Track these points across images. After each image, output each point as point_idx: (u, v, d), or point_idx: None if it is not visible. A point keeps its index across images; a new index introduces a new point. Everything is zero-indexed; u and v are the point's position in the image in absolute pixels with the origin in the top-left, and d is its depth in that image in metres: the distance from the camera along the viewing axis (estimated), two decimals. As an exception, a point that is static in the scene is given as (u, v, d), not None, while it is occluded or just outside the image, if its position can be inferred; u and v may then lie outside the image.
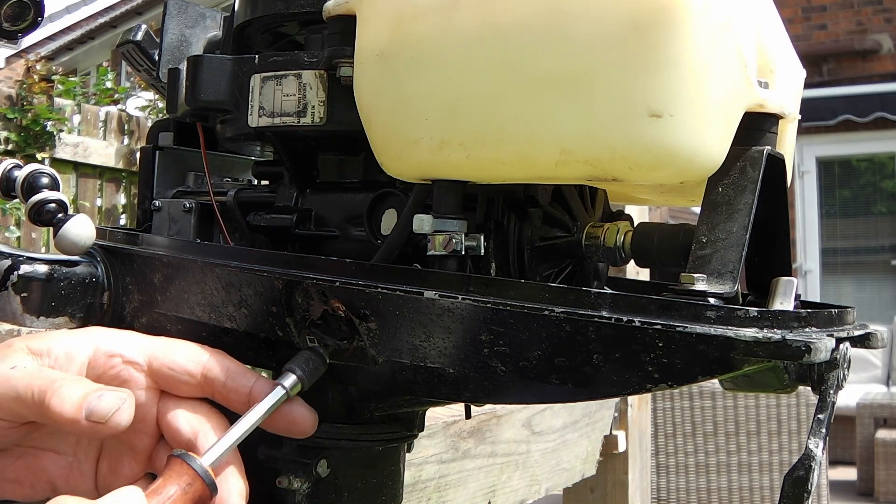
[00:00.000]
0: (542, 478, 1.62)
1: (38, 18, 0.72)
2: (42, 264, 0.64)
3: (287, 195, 0.70)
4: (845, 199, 8.87)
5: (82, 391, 0.53)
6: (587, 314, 0.49)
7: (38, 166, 0.68)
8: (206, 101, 0.68)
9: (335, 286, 0.56)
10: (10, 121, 4.30)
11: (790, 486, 0.49)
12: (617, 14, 0.50)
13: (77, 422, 0.52)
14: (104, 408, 0.52)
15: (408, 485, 0.73)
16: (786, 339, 0.46)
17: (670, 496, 3.27)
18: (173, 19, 0.78)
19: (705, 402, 3.22)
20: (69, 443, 0.58)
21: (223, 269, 0.61)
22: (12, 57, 9.80)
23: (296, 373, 0.56)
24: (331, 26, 0.61)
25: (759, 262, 0.60)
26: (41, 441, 0.58)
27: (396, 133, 0.58)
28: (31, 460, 0.57)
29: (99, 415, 0.52)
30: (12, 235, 4.18)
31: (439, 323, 0.53)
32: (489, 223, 0.62)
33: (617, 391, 0.51)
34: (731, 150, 0.55)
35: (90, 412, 0.52)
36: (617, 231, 0.62)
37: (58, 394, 0.53)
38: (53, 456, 0.58)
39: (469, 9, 0.55)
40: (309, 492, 0.62)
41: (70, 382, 0.54)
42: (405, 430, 0.67)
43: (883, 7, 8.48)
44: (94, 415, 0.52)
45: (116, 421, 0.52)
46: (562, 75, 0.52)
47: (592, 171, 0.53)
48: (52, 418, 0.52)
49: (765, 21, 0.59)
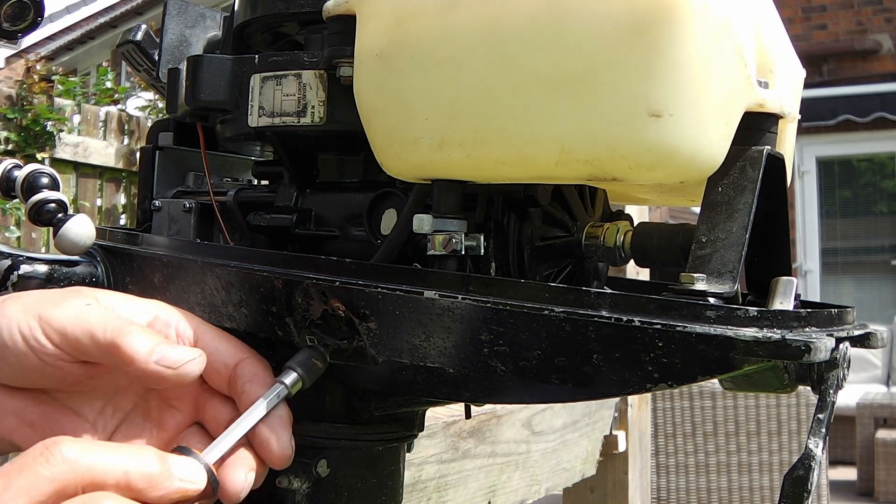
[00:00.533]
0: (542, 478, 1.62)
1: (38, 18, 0.72)
2: (42, 264, 0.64)
3: (287, 195, 0.70)
4: (845, 199, 8.88)
5: (156, 338, 0.55)
6: (587, 314, 0.49)
7: (38, 166, 0.68)
8: (206, 101, 0.68)
9: (335, 286, 0.56)
10: (10, 121, 4.30)
11: (790, 486, 0.49)
12: (617, 14, 0.50)
13: (146, 363, 0.54)
14: (177, 356, 0.55)
15: (408, 485, 0.73)
16: (785, 338, 0.46)
17: (670, 496, 3.27)
18: (173, 19, 0.78)
19: (705, 402, 3.22)
20: (94, 408, 0.59)
21: (223, 269, 0.61)
22: (12, 57, 9.80)
23: (297, 370, 0.57)
24: (331, 26, 0.61)
25: (759, 261, 0.60)
26: (68, 398, 0.58)
27: (396, 133, 0.58)
28: (50, 410, 0.57)
29: (170, 360, 0.54)
30: (12, 235, 4.18)
31: (439, 323, 0.53)
32: (489, 223, 0.62)
33: (617, 391, 0.51)
34: (730, 149, 0.55)
35: (161, 357, 0.54)
36: (617, 231, 0.62)
37: (132, 335, 0.55)
38: (73, 416, 0.58)
39: (469, 8, 0.55)
40: (309, 491, 0.62)
41: (144, 329, 0.56)
42: (405, 430, 0.67)
43: (883, 7, 8.48)
44: (166, 359, 0.54)
45: (187, 370, 0.54)
46: (562, 75, 0.52)
47: (592, 171, 0.53)
48: (122, 356, 0.54)
49: (765, 21, 0.59)
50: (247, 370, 0.58)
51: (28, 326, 0.55)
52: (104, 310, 0.57)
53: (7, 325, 0.55)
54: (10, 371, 0.56)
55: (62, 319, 0.55)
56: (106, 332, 0.55)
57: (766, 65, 0.59)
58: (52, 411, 0.57)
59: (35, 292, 0.58)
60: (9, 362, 0.55)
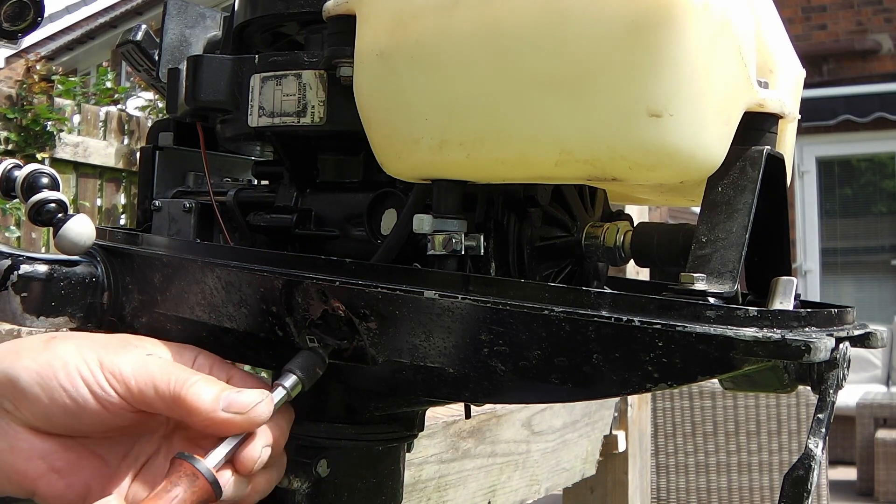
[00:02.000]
0: (542, 478, 1.62)
1: (38, 18, 0.72)
2: (42, 264, 0.64)
3: (287, 195, 0.70)
4: (845, 199, 8.87)
5: (220, 385, 0.55)
6: (587, 314, 0.49)
7: (37, 166, 0.68)
8: (206, 101, 0.68)
9: (335, 286, 0.56)
10: (10, 121, 4.29)
11: (790, 486, 0.49)
12: (616, 14, 0.50)
13: (213, 411, 0.54)
14: (244, 400, 0.55)
15: (408, 485, 0.73)
16: (785, 338, 0.46)
17: (670, 496, 3.27)
18: (173, 19, 0.78)
19: (705, 402, 3.22)
20: (118, 454, 0.58)
21: (223, 269, 0.61)
22: (12, 57, 9.79)
23: (296, 373, 0.57)
24: (331, 26, 0.61)
25: (759, 261, 0.60)
26: (96, 444, 0.58)
27: (396, 133, 0.58)
28: (76, 458, 0.57)
29: (239, 405, 0.54)
30: (12, 235, 4.18)
31: (439, 323, 0.53)
32: (489, 223, 0.62)
33: (617, 391, 0.51)
34: (730, 149, 0.55)
35: (230, 403, 0.54)
36: (617, 231, 0.62)
37: (197, 384, 0.55)
38: (99, 462, 0.57)
39: (469, 9, 0.55)
40: (309, 491, 0.62)
41: (207, 378, 0.56)
42: (405, 430, 0.67)
43: (883, 7, 8.48)
44: (234, 405, 0.54)
45: (257, 413, 0.55)
46: (561, 75, 0.52)
47: (592, 171, 0.53)
48: (187, 406, 0.54)
49: (764, 21, 0.59)
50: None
51: (90, 372, 0.55)
52: (163, 361, 0.57)
53: (63, 368, 0.54)
54: (59, 413, 0.55)
55: (126, 370, 0.55)
56: (170, 385, 0.55)
57: (766, 65, 0.59)
58: (79, 458, 0.57)
59: (85, 334, 0.58)
60: (60, 405, 0.54)
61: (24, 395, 0.54)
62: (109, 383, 0.55)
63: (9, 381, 0.55)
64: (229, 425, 0.54)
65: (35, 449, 0.55)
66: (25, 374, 0.54)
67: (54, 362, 0.55)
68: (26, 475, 0.55)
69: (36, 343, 0.57)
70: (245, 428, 0.55)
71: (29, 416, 0.55)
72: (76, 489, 0.56)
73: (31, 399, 0.54)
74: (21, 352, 0.56)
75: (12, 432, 0.55)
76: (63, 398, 0.54)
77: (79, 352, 0.55)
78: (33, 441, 0.55)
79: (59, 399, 0.54)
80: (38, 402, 0.54)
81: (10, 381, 0.55)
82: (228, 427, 0.54)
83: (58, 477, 0.56)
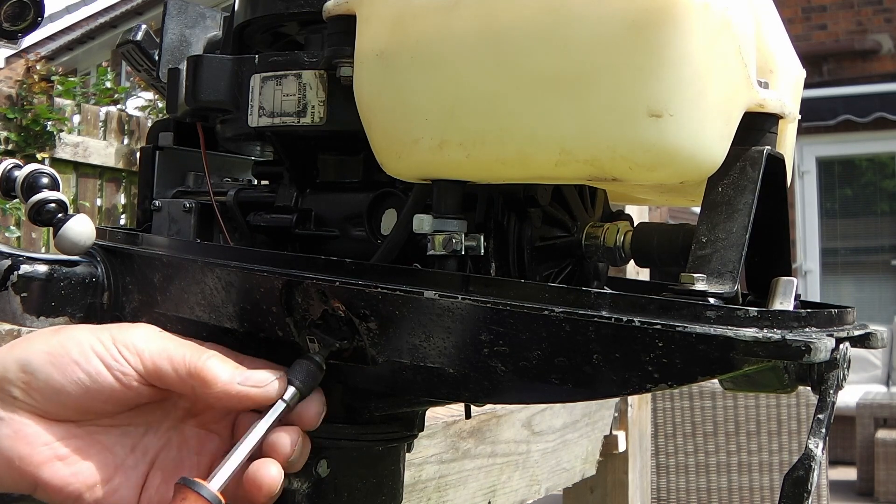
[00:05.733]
0: (542, 478, 1.62)
1: (38, 18, 0.72)
2: (42, 264, 0.64)
3: (287, 195, 0.70)
4: (845, 199, 8.87)
5: (233, 363, 0.57)
6: (587, 314, 0.49)
7: (38, 166, 0.68)
8: (206, 101, 0.68)
9: (335, 286, 0.56)
10: (10, 121, 4.29)
11: (790, 486, 0.49)
12: (617, 14, 0.50)
13: (229, 384, 0.55)
14: (260, 376, 0.56)
15: (408, 485, 0.73)
16: (786, 338, 0.46)
17: (670, 496, 3.27)
18: (173, 19, 0.78)
19: (705, 402, 3.22)
20: (125, 446, 0.58)
21: (223, 269, 0.61)
22: (12, 57, 9.79)
23: (294, 384, 0.57)
24: (331, 26, 0.61)
25: (759, 262, 0.60)
26: (103, 434, 0.57)
27: (396, 133, 0.58)
28: (83, 445, 0.56)
29: (255, 380, 0.56)
30: (12, 235, 4.18)
31: (439, 323, 0.53)
32: (489, 223, 0.62)
33: (617, 391, 0.51)
34: (731, 150, 0.55)
35: (246, 378, 0.56)
36: (617, 231, 0.62)
37: (213, 359, 0.56)
38: (105, 453, 0.57)
39: (469, 9, 0.55)
40: (309, 491, 0.62)
41: (219, 355, 0.57)
42: (405, 430, 0.67)
43: (883, 7, 8.47)
44: (251, 380, 0.56)
45: (273, 388, 0.56)
46: (562, 75, 0.52)
47: (592, 171, 0.53)
48: (204, 379, 0.55)
49: (765, 21, 0.59)
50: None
51: (103, 347, 0.55)
52: (176, 338, 0.58)
53: (77, 345, 0.55)
54: (73, 389, 0.55)
55: (139, 343, 0.56)
56: (185, 357, 0.56)
57: (766, 65, 0.59)
58: (85, 447, 0.56)
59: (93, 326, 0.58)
60: (73, 380, 0.54)
61: (36, 376, 0.54)
62: (122, 355, 0.55)
63: (20, 365, 0.55)
64: (244, 398, 0.55)
65: (41, 435, 0.55)
66: (38, 356, 0.55)
67: (67, 342, 0.55)
68: (30, 461, 0.54)
69: (46, 331, 0.57)
70: (259, 403, 0.56)
71: (40, 398, 0.55)
72: (81, 478, 0.56)
73: (44, 379, 0.54)
74: (32, 339, 0.56)
75: (18, 419, 0.55)
76: (77, 373, 0.54)
77: (91, 332, 0.56)
78: (39, 427, 0.55)
79: (72, 374, 0.54)
80: (51, 381, 0.54)
81: (21, 364, 0.55)
82: (243, 401, 0.55)
83: (63, 464, 0.55)
